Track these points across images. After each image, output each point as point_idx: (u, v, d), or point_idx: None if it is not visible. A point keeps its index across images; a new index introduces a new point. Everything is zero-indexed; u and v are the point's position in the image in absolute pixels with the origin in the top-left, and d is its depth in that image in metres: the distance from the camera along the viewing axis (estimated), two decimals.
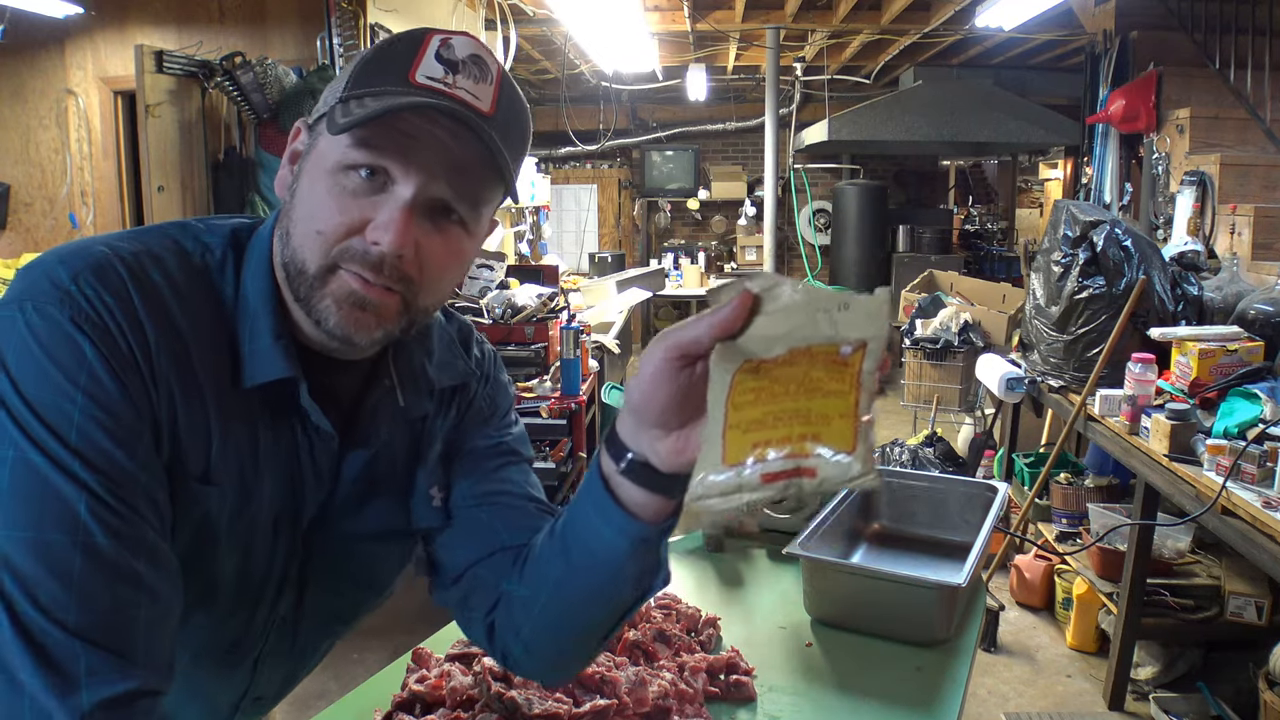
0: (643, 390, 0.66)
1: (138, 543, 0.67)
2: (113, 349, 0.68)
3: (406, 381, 0.86)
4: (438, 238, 0.75)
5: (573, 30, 5.10)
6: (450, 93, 0.72)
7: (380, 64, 0.74)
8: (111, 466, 0.66)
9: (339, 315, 0.74)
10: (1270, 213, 3.64)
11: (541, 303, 3.67)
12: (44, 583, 0.63)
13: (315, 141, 0.76)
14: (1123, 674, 2.85)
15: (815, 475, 0.57)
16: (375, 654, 3.00)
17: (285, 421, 0.79)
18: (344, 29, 4.02)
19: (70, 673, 0.62)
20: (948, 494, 1.60)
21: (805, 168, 8.67)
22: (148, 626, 0.67)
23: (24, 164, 4.55)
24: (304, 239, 0.74)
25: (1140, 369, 2.71)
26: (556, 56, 6.57)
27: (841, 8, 5.65)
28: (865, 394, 0.58)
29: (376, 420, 0.85)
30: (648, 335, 9.23)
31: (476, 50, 0.75)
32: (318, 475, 0.83)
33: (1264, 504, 2.06)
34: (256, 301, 0.77)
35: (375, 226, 0.72)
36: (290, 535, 0.83)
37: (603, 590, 0.78)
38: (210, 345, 0.75)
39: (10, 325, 0.67)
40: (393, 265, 0.73)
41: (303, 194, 0.75)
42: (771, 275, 0.63)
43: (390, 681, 1.07)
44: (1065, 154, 7.55)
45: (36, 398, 0.65)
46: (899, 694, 1.12)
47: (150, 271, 0.72)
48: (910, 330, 4.90)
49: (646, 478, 0.70)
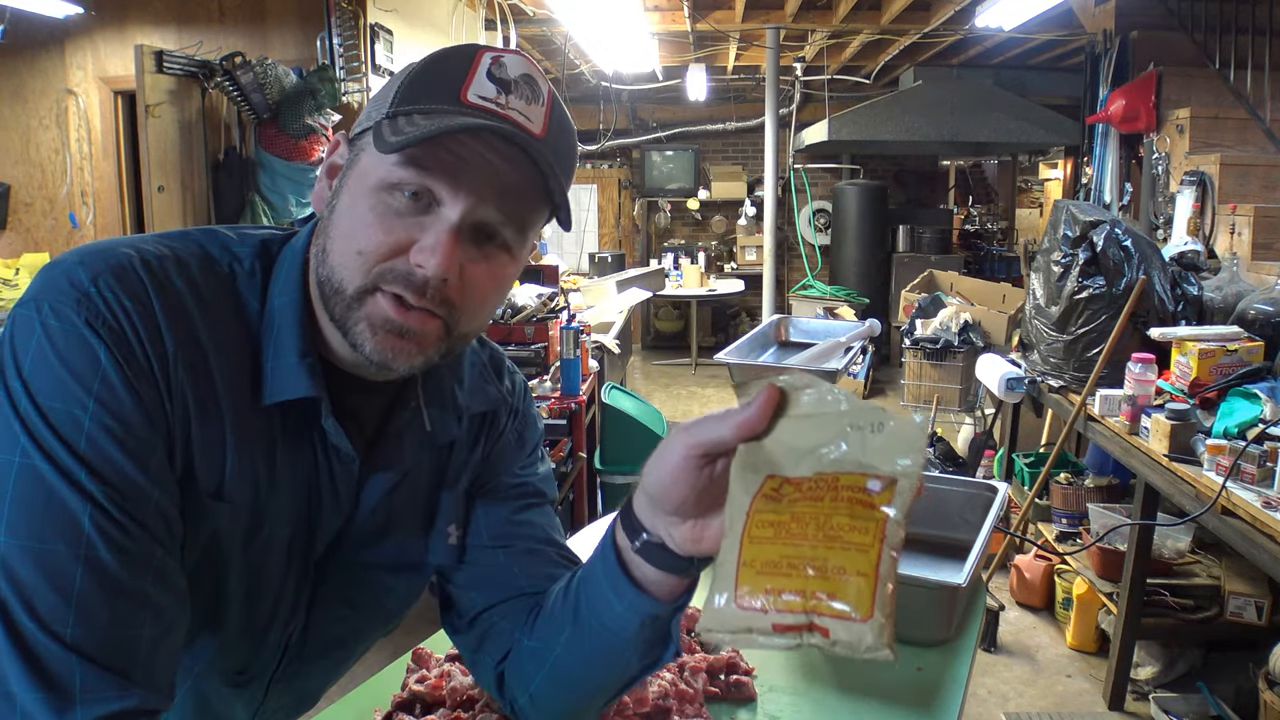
0: (661, 482, 0.65)
1: (143, 559, 0.65)
2: (128, 355, 0.65)
3: (434, 405, 0.83)
4: (482, 262, 0.73)
5: (573, 30, 5.10)
6: (503, 113, 0.70)
7: (430, 80, 0.71)
8: (120, 479, 0.64)
9: (374, 341, 0.71)
10: (1270, 213, 3.64)
11: (541, 303, 3.67)
12: (43, 594, 0.61)
13: (358, 157, 0.73)
14: (1123, 674, 2.85)
15: (829, 636, 0.54)
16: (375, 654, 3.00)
17: (305, 441, 0.76)
18: (344, 29, 4.02)
19: (65, 688, 0.60)
20: (948, 494, 1.60)
21: (805, 168, 8.67)
22: (149, 645, 0.65)
23: (24, 164, 4.55)
24: (343, 258, 0.71)
25: (1140, 369, 2.70)
26: (556, 56, 6.57)
27: (841, 8, 5.65)
28: (888, 551, 0.55)
29: (401, 444, 0.82)
30: (647, 335, 9.24)
31: (529, 70, 0.73)
32: (336, 499, 0.79)
33: (1264, 504, 2.06)
34: (283, 316, 0.74)
35: (420, 249, 0.69)
36: (304, 559, 0.80)
37: (610, 658, 0.77)
38: (231, 357, 0.72)
39: (27, 325, 0.65)
40: (436, 289, 0.70)
41: (343, 211, 0.72)
42: (804, 375, 0.61)
43: (390, 681, 1.07)
44: (1065, 154, 7.55)
45: (48, 403, 0.63)
46: (899, 694, 1.12)
47: (173, 276, 0.69)
48: (910, 330, 4.90)
49: (661, 559, 0.69)
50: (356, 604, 0.86)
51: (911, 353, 4.83)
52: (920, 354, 4.79)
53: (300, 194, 3.90)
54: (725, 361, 1.62)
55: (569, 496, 3.61)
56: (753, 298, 8.30)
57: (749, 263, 8.77)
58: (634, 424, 3.78)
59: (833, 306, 7.08)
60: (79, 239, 4.54)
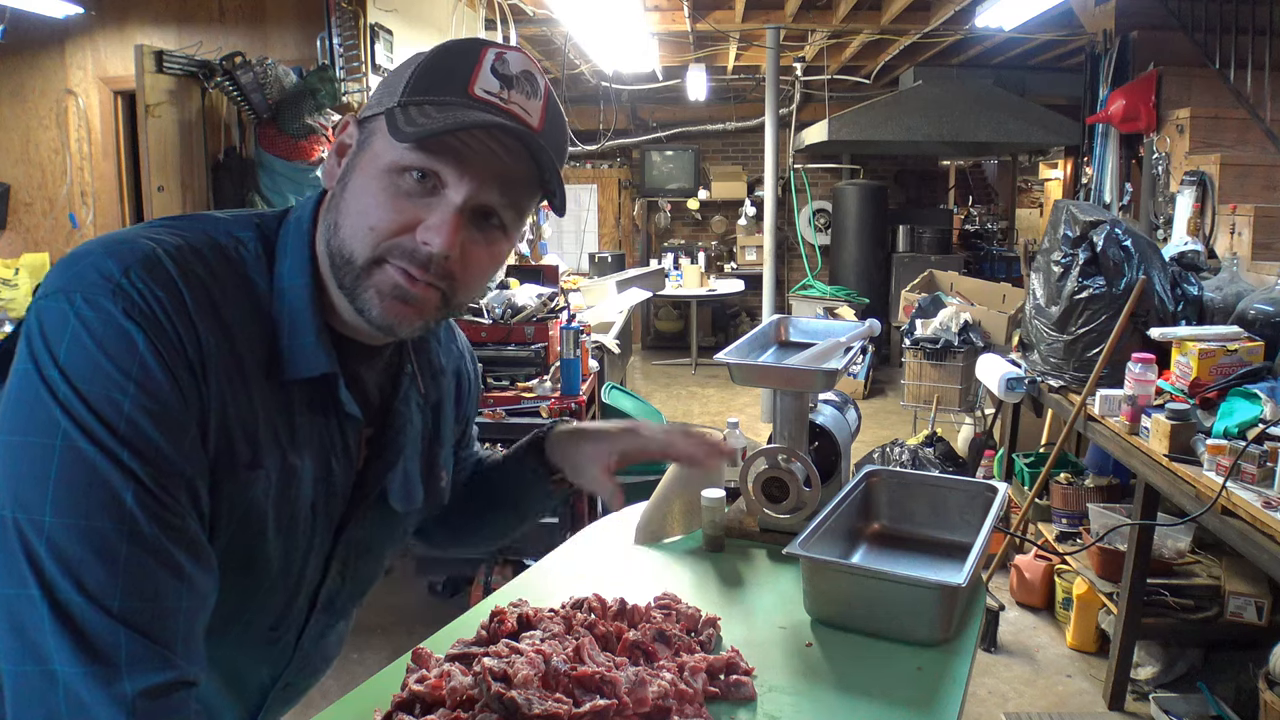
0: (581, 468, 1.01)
1: (180, 533, 0.69)
2: (164, 342, 0.69)
3: (424, 367, 0.95)
4: (481, 241, 0.80)
5: (573, 30, 5.10)
6: (506, 107, 0.77)
7: (439, 72, 0.78)
8: (159, 457, 0.68)
9: (381, 306, 0.78)
10: (1270, 213, 3.64)
11: (541, 303, 3.67)
12: (91, 568, 0.64)
13: (369, 140, 0.79)
14: (1123, 674, 2.85)
15: None
16: (375, 654, 3.00)
17: (319, 409, 0.83)
18: (344, 29, 4.02)
19: (112, 659, 0.63)
20: (948, 494, 1.60)
21: (805, 168, 8.67)
22: (186, 617, 0.68)
23: (24, 164, 4.55)
24: (354, 231, 0.78)
25: (1140, 369, 2.70)
26: (556, 56, 6.57)
27: (841, 8, 5.65)
28: None
29: (407, 406, 0.92)
30: (647, 335, 9.24)
31: (528, 66, 0.80)
32: (349, 458, 0.87)
33: (1264, 504, 2.06)
34: (296, 295, 0.80)
35: (426, 227, 0.76)
36: (326, 514, 0.87)
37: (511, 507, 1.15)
38: (251, 337, 0.77)
39: (60, 316, 0.67)
40: (439, 264, 0.77)
41: (355, 189, 0.79)
42: None
43: (390, 681, 1.07)
44: (1065, 154, 7.55)
45: (88, 388, 0.66)
46: (899, 694, 1.12)
47: (194, 266, 0.74)
48: (910, 330, 4.90)
49: None
50: (367, 553, 0.94)
51: (911, 353, 4.83)
52: (920, 354, 4.79)
53: (300, 194, 3.90)
54: (725, 361, 1.62)
55: (569, 497, 3.61)
56: (753, 298, 8.30)
57: (749, 263, 8.77)
58: None
59: (833, 306, 7.08)
60: (79, 239, 4.53)
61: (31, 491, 0.64)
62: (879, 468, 1.67)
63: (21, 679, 0.63)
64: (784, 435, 1.62)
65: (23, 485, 0.65)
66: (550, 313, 3.71)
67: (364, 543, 0.93)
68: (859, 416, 1.89)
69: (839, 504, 1.50)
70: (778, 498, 1.57)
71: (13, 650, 0.63)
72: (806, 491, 1.56)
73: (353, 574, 0.94)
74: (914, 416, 5.07)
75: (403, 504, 0.94)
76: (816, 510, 1.50)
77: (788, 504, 1.57)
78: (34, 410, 0.66)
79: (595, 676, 0.99)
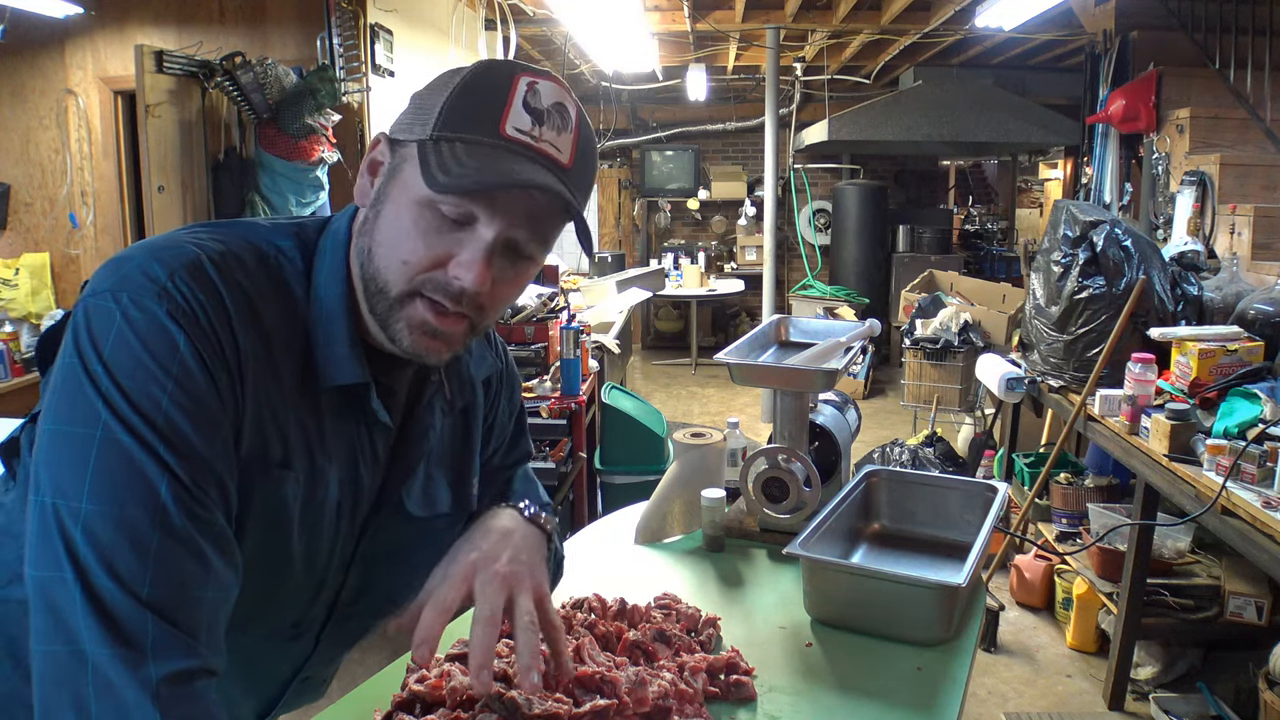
0: None
1: (209, 526, 0.71)
2: (205, 343, 0.72)
3: (452, 377, 0.97)
4: (510, 273, 0.82)
5: (573, 30, 5.10)
6: (537, 147, 0.78)
7: (471, 107, 0.78)
8: (193, 453, 0.71)
9: (411, 339, 0.81)
10: (1270, 213, 3.63)
11: (541, 303, 3.67)
12: (123, 555, 0.66)
13: (401, 166, 0.80)
14: (1123, 674, 2.85)
15: None
16: (375, 654, 3.00)
17: (350, 415, 0.86)
18: (344, 29, 4.02)
19: (139, 644, 0.65)
20: (948, 494, 1.60)
21: (805, 168, 8.67)
22: (211, 608, 0.70)
23: (24, 164, 4.55)
24: (387, 262, 0.79)
25: (1140, 369, 2.70)
26: (556, 56, 6.57)
27: (841, 8, 5.65)
28: None
29: (432, 414, 0.94)
30: (647, 335, 9.24)
31: (560, 98, 0.80)
32: (376, 463, 0.90)
33: (1264, 504, 2.06)
34: (331, 305, 0.82)
35: (458, 264, 0.78)
36: (350, 518, 0.89)
37: None
38: (287, 342, 0.80)
39: (106, 315, 0.70)
40: (470, 298, 0.79)
41: (388, 219, 0.80)
42: None
43: (390, 681, 1.07)
44: (1065, 154, 7.55)
45: (129, 384, 0.69)
46: (899, 694, 1.12)
47: (235, 272, 0.77)
48: (910, 330, 4.90)
49: None
50: (396, 558, 0.96)
51: (911, 353, 4.83)
52: (920, 354, 4.79)
53: (300, 194, 3.90)
54: (725, 361, 1.62)
55: (569, 497, 3.61)
56: (753, 298, 8.30)
57: (749, 263, 8.77)
58: (634, 424, 3.78)
59: (833, 306, 7.08)
60: (79, 239, 4.54)
61: (70, 479, 0.67)
62: (879, 468, 1.67)
63: (51, 658, 0.65)
64: (784, 435, 1.62)
65: (63, 473, 0.67)
66: (550, 313, 3.72)
67: (387, 548, 0.94)
68: (859, 416, 1.89)
69: (839, 504, 1.50)
70: (778, 498, 1.57)
71: (46, 629, 0.65)
72: (806, 491, 1.56)
73: (378, 579, 0.95)
74: (914, 416, 5.07)
75: (421, 510, 0.95)
76: (816, 510, 1.50)
77: (788, 504, 1.57)
78: (76, 401, 0.69)
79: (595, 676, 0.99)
